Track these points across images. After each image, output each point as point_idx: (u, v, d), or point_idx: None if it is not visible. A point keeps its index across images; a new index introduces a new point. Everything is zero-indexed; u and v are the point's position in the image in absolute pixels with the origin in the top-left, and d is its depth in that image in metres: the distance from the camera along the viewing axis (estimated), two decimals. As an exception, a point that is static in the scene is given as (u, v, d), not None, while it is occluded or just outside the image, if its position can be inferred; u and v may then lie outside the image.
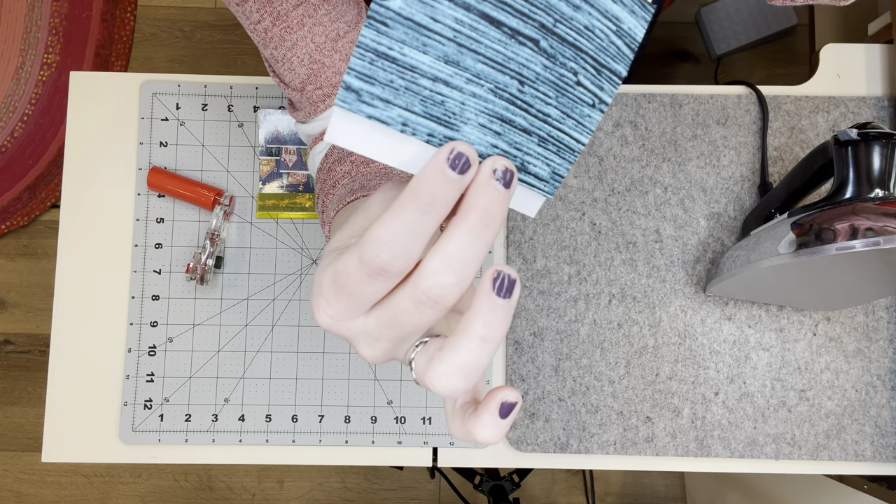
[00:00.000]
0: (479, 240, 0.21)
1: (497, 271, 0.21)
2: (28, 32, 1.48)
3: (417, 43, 0.20)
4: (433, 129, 0.21)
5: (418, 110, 0.21)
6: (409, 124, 0.21)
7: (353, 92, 0.20)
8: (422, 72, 0.20)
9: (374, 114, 0.20)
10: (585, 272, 0.64)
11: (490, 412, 0.23)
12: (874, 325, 0.63)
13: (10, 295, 1.45)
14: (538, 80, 0.22)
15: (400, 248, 0.21)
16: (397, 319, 0.23)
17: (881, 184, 0.46)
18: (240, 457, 0.63)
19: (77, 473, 1.42)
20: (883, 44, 0.68)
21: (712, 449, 0.62)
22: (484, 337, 0.21)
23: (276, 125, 0.66)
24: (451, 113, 0.21)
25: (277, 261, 0.64)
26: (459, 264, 0.21)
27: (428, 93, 0.20)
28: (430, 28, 0.20)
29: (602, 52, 0.24)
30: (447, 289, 0.21)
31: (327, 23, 0.44)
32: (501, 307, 0.21)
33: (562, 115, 0.24)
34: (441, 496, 1.42)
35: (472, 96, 0.21)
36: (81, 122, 0.66)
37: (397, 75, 0.20)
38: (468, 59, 0.21)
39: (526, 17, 0.21)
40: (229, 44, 1.51)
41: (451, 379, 0.22)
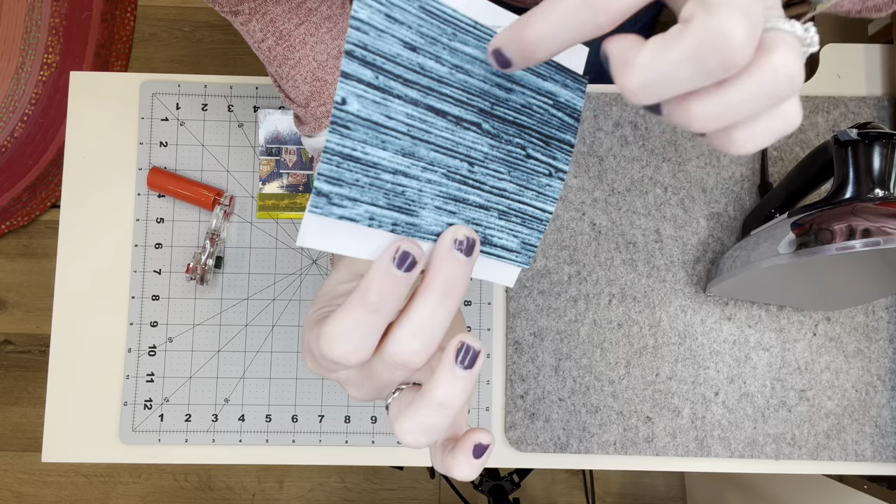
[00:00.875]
0: (442, 309, 0.22)
1: (461, 343, 0.23)
2: (28, 32, 1.48)
3: (377, 140, 0.22)
4: (396, 219, 0.23)
5: (382, 203, 0.22)
6: (375, 218, 0.22)
7: (323, 196, 0.21)
8: (383, 167, 0.22)
9: (344, 213, 0.21)
10: (585, 272, 0.64)
11: (465, 453, 0.25)
12: (874, 325, 0.63)
13: (10, 295, 1.45)
14: (487, 158, 0.24)
15: (352, 345, 0.22)
16: (373, 375, 0.24)
17: (881, 184, 0.46)
18: (240, 457, 0.63)
19: (77, 473, 1.42)
20: (883, 44, 0.68)
21: (712, 449, 0.62)
22: (443, 403, 0.23)
23: (276, 125, 0.66)
24: (411, 201, 0.23)
25: (277, 261, 0.64)
26: (424, 333, 0.22)
27: (390, 185, 0.22)
28: (386, 125, 0.22)
29: (545, 125, 0.26)
30: (413, 355, 0.22)
31: (329, 41, 0.45)
32: (462, 378, 0.22)
33: (518, 188, 0.26)
34: (441, 496, 1.42)
35: (427, 182, 0.23)
36: (81, 122, 0.66)
37: (362, 173, 0.21)
38: (422, 150, 0.23)
39: (465, 104, 0.23)
40: (229, 44, 1.51)
41: (414, 435, 0.24)
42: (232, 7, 0.44)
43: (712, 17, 0.17)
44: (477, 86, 0.24)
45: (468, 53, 0.23)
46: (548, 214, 0.27)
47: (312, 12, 0.45)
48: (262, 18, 0.44)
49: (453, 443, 0.26)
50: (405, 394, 0.26)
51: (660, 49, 0.18)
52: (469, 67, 0.23)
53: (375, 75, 0.21)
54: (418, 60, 0.22)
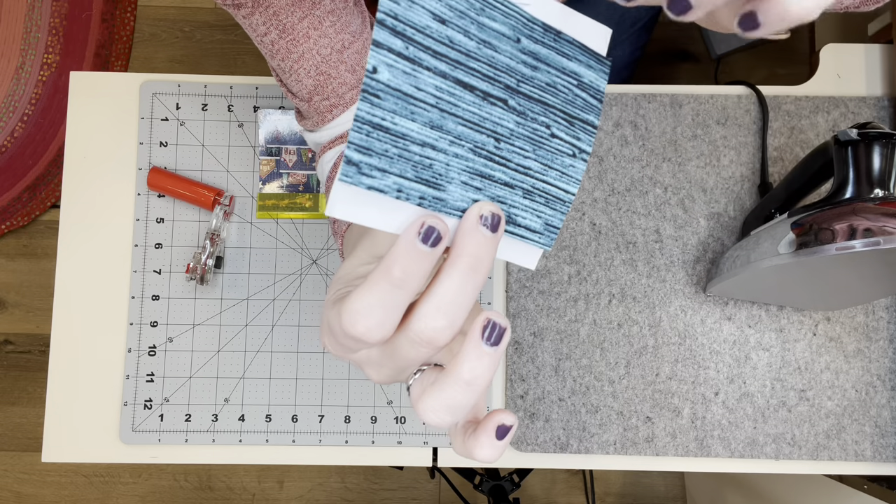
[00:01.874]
0: (468, 284, 0.22)
1: (488, 319, 0.22)
2: (28, 32, 1.48)
3: (406, 111, 0.22)
4: (424, 192, 0.23)
5: (410, 175, 0.22)
6: (403, 190, 0.22)
7: (353, 165, 0.21)
8: (412, 138, 0.22)
9: (373, 184, 0.21)
10: (585, 272, 0.64)
11: (488, 434, 0.25)
12: (874, 325, 0.63)
13: (10, 295, 1.45)
14: (513, 135, 0.24)
15: (374, 321, 0.22)
16: (396, 353, 0.24)
17: (881, 184, 0.46)
18: (240, 457, 0.63)
19: (77, 473, 1.42)
20: (883, 44, 0.68)
21: (712, 449, 0.62)
22: (469, 381, 0.23)
23: (276, 125, 0.66)
24: (438, 174, 0.23)
25: (277, 261, 0.64)
26: (450, 308, 0.22)
27: (418, 158, 0.22)
28: (416, 97, 0.22)
29: (569, 104, 0.26)
30: (438, 332, 0.22)
31: (332, 34, 0.45)
32: (488, 354, 0.22)
33: (543, 167, 0.26)
34: (441, 496, 1.42)
35: (454, 157, 0.23)
36: (81, 122, 0.66)
37: (391, 144, 0.21)
38: (450, 123, 0.23)
39: (492, 80, 0.23)
40: (229, 44, 1.51)
41: (438, 414, 0.23)
42: (235, 0, 0.44)
43: None
44: (503, 62, 0.24)
45: (495, 29, 0.23)
46: (570, 195, 0.27)
47: (316, 5, 0.44)
48: (265, 12, 0.44)
49: (474, 425, 0.26)
50: (427, 374, 0.26)
51: None
52: (496, 43, 0.23)
53: (406, 45, 0.21)
54: (447, 33, 0.22)
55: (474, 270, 0.22)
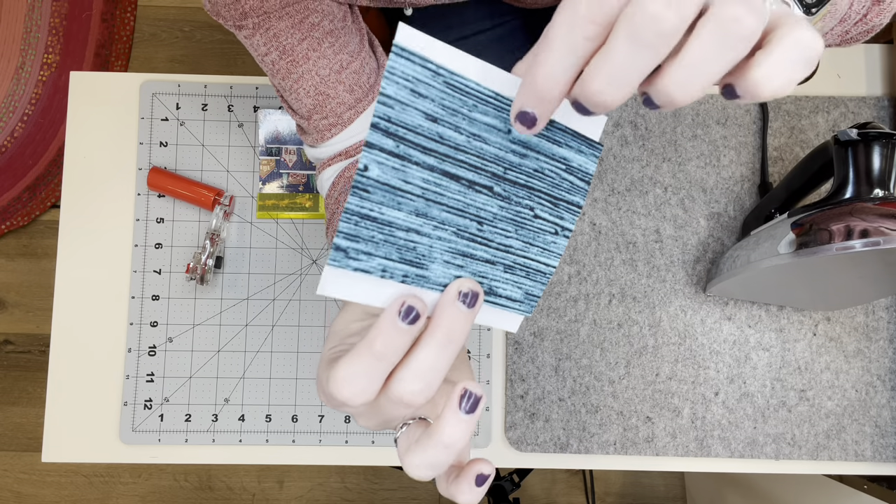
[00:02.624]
0: (443, 354, 0.24)
1: (465, 389, 0.25)
2: (28, 32, 1.48)
3: (393, 202, 0.23)
4: (407, 271, 0.25)
5: (395, 257, 0.24)
6: (388, 270, 0.24)
7: (341, 251, 0.23)
8: (397, 225, 0.24)
9: (359, 266, 0.24)
10: (585, 272, 0.64)
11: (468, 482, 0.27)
12: (874, 325, 0.63)
13: (10, 295, 1.45)
14: (496, 218, 0.26)
15: (357, 388, 0.24)
16: (380, 411, 0.26)
17: (881, 184, 0.46)
18: (240, 457, 0.63)
19: (77, 473, 1.42)
20: (883, 44, 0.68)
21: (712, 449, 0.62)
22: (448, 444, 0.25)
23: (276, 125, 0.66)
24: (422, 255, 0.25)
25: (277, 261, 0.64)
26: (426, 375, 0.24)
27: (402, 242, 0.24)
28: (403, 189, 0.23)
29: (556, 188, 0.27)
30: (415, 395, 0.25)
31: (331, 55, 0.46)
32: (465, 421, 0.25)
33: (524, 244, 0.27)
34: (441, 496, 1.42)
35: (438, 239, 0.25)
36: (81, 122, 0.66)
37: (377, 231, 0.24)
38: (434, 210, 0.24)
39: (479, 169, 0.25)
40: (229, 44, 1.51)
41: (421, 470, 0.26)
42: (236, 21, 0.45)
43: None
44: (492, 152, 0.25)
45: (487, 123, 0.25)
46: (551, 268, 0.29)
47: (315, 27, 0.45)
48: (265, 33, 0.45)
49: (457, 470, 0.28)
50: (412, 429, 0.28)
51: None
52: (486, 135, 0.25)
53: (397, 144, 0.23)
54: (438, 130, 0.24)
55: (449, 341, 0.24)
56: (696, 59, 0.19)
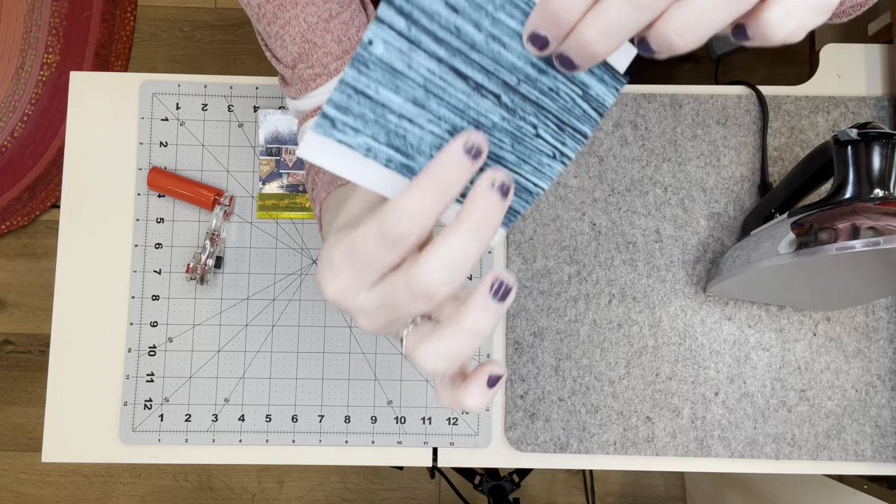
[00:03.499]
0: (473, 244, 0.23)
1: (496, 277, 0.23)
2: (28, 32, 1.48)
3: (392, 85, 0.22)
4: (392, 156, 0.24)
5: (382, 140, 0.23)
6: (372, 150, 0.23)
7: (328, 119, 0.22)
8: (391, 109, 0.23)
9: (343, 139, 0.23)
10: (585, 272, 0.64)
11: (479, 383, 0.26)
12: (874, 325, 0.63)
13: (10, 295, 1.45)
14: (494, 128, 0.25)
15: (415, 222, 0.23)
16: (392, 305, 0.25)
17: (881, 184, 0.46)
18: (240, 457, 0.63)
19: (77, 473, 1.42)
20: (883, 44, 0.68)
21: (712, 449, 0.62)
22: (472, 331, 0.24)
23: (276, 125, 0.66)
24: (410, 145, 0.24)
25: (277, 261, 0.64)
26: (453, 264, 0.23)
27: (393, 126, 0.23)
28: (405, 74, 0.22)
29: (566, 112, 0.26)
30: (440, 285, 0.23)
31: (320, 2, 0.45)
32: (493, 309, 0.23)
33: (518, 160, 0.26)
34: (441, 496, 1.42)
35: (430, 133, 0.24)
36: (81, 122, 0.66)
37: (369, 110, 0.23)
38: (433, 103, 0.23)
39: (491, 73, 0.24)
40: (229, 44, 1.51)
41: (436, 361, 0.24)
42: None
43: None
44: (509, 60, 0.24)
45: (510, 27, 0.23)
46: (540, 190, 0.27)
47: None
48: None
49: (462, 378, 0.27)
50: (422, 326, 0.27)
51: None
52: (507, 40, 0.23)
53: (409, 26, 0.21)
54: (456, 22, 0.22)
55: (480, 231, 0.23)
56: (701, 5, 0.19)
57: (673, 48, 0.20)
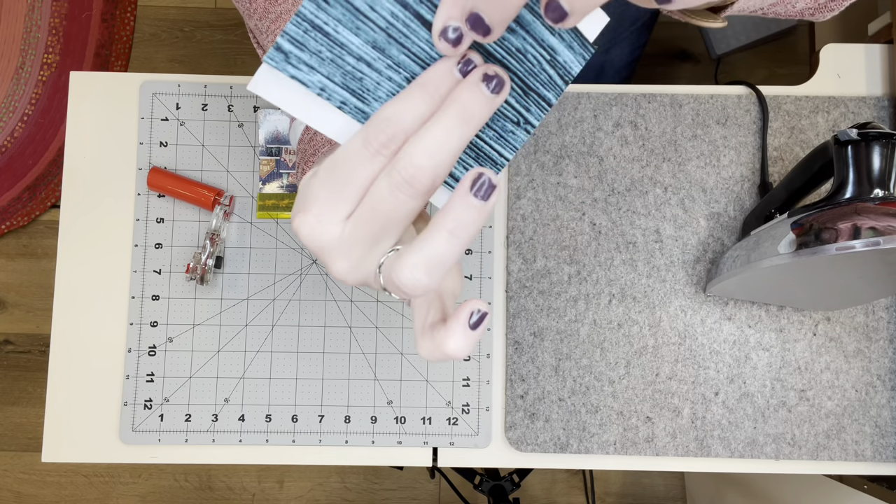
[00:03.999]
0: (455, 132, 0.22)
1: (479, 173, 0.22)
2: (28, 32, 1.48)
3: (352, 25, 0.22)
4: (346, 99, 0.23)
5: (338, 81, 0.23)
6: (327, 90, 0.23)
7: (282, 53, 0.22)
8: (349, 50, 0.22)
9: (296, 75, 0.22)
10: (585, 272, 0.64)
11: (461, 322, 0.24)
12: (874, 325, 0.63)
13: (10, 295, 1.45)
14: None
15: (403, 125, 0.22)
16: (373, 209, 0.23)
17: (881, 184, 0.46)
18: (240, 457, 0.63)
19: (77, 473, 1.42)
20: (883, 44, 0.68)
21: (712, 449, 0.62)
22: (452, 231, 0.22)
23: (276, 125, 0.66)
24: (366, 89, 0.23)
25: (277, 261, 0.64)
26: (435, 150, 0.22)
27: (350, 68, 0.23)
28: (367, 15, 0.22)
29: (532, 76, 0.25)
30: (421, 170, 0.22)
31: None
32: (475, 207, 0.21)
33: None
34: (441, 496, 1.42)
35: (387, 80, 0.23)
36: (81, 122, 0.66)
37: (326, 48, 0.22)
38: (393, 49, 0.23)
39: None
40: (229, 44, 1.51)
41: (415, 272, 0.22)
42: None
43: None
44: None
45: None
46: (504, 160, 0.27)
47: None
48: None
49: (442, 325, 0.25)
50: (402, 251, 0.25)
51: None
52: None
53: None
54: None
55: (464, 121, 0.22)
56: None
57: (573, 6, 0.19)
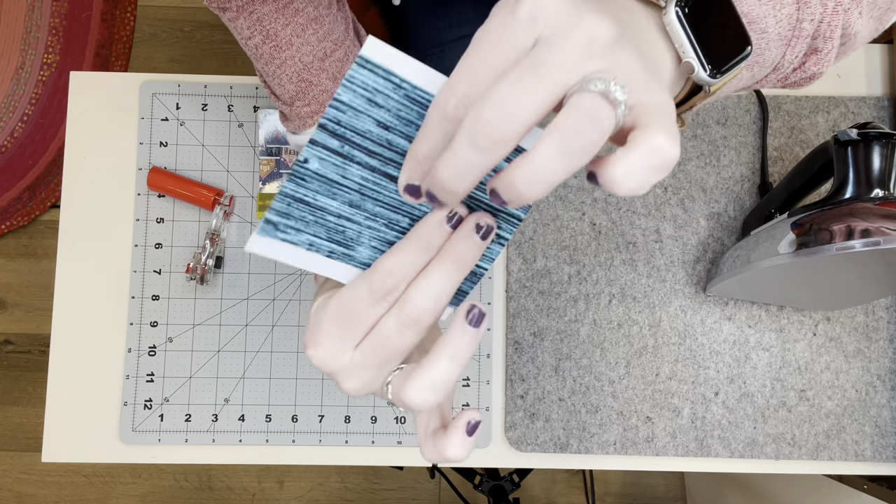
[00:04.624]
0: (452, 277, 0.26)
1: (471, 305, 0.26)
2: (28, 32, 1.48)
3: (328, 193, 0.25)
4: (333, 249, 0.26)
5: (323, 236, 0.26)
6: (314, 245, 0.26)
7: (271, 224, 0.25)
8: (329, 212, 0.25)
9: (286, 238, 0.25)
10: (585, 272, 0.64)
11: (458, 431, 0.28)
12: (874, 325, 0.63)
13: (10, 295, 1.45)
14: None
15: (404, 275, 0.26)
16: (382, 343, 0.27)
17: (881, 184, 0.46)
18: (240, 457, 0.63)
19: (77, 473, 1.42)
20: (883, 44, 0.68)
21: (712, 449, 0.62)
22: (453, 356, 0.26)
23: (276, 125, 0.66)
24: (350, 239, 0.26)
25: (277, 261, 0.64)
26: (435, 293, 0.26)
27: (332, 225, 0.26)
28: (341, 183, 0.25)
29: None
30: (425, 312, 0.26)
31: (315, 42, 0.46)
32: (470, 334, 0.26)
33: None
34: (441, 496, 1.42)
35: (368, 228, 0.26)
36: (81, 122, 0.66)
37: (309, 213, 0.25)
38: (368, 204, 0.26)
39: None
40: (229, 44, 1.51)
41: (423, 393, 0.26)
42: (220, 3, 0.44)
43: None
44: None
45: None
46: (483, 270, 0.29)
47: (299, 13, 0.45)
48: (249, 17, 0.45)
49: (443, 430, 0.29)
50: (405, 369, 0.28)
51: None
52: None
53: (342, 145, 0.24)
54: (388, 137, 0.24)
55: (458, 267, 0.26)
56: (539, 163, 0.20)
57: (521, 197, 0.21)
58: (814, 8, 0.32)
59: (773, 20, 0.32)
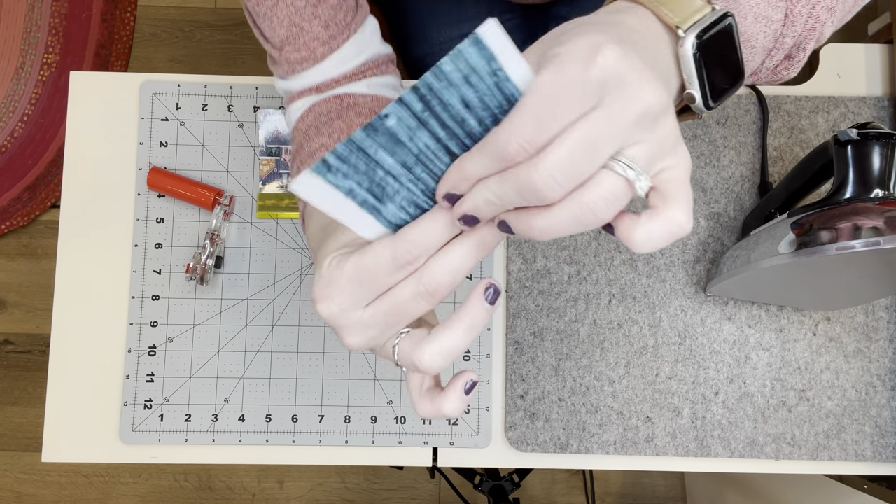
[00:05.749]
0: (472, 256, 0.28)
1: (489, 283, 0.28)
2: (28, 32, 1.48)
3: (390, 149, 0.26)
4: (366, 199, 0.28)
5: (364, 186, 0.27)
6: (353, 192, 0.27)
7: (326, 165, 0.26)
8: (381, 166, 0.26)
9: (333, 180, 0.26)
10: (585, 272, 0.64)
11: (457, 390, 0.30)
12: (874, 325, 0.63)
13: (10, 295, 1.45)
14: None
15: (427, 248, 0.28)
16: (395, 307, 0.29)
17: (881, 184, 0.46)
18: (240, 457, 0.63)
19: (77, 473, 1.42)
20: (883, 44, 0.68)
21: (712, 449, 0.62)
22: (468, 328, 0.28)
23: (276, 125, 0.66)
24: (386, 194, 0.28)
25: (277, 261, 0.64)
26: (455, 270, 0.28)
27: (378, 178, 0.27)
28: (405, 144, 0.26)
29: None
30: (442, 285, 0.28)
31: None
32: (486, 310, 0.28)
33: None
34: (441, 496, 1.42)
35: (406, 189, 0.28)
36: (81, 122, 0.66)
37: (364, 163, 0.26)
38: (418, 169, 0.27)
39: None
40: (229, 44, 1.51)
41: (435, 357, 0.28)
42: None
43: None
44: None
45: None
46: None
47: None
48: None
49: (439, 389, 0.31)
50: (415, 333, 0.30)
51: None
52: None
53: (424, 109, 0.25)
54: (464, 115, 0.25)
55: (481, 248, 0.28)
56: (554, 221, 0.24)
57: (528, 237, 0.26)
58: (798, 25, 0.35)
59: (762, 36, 0.34)
